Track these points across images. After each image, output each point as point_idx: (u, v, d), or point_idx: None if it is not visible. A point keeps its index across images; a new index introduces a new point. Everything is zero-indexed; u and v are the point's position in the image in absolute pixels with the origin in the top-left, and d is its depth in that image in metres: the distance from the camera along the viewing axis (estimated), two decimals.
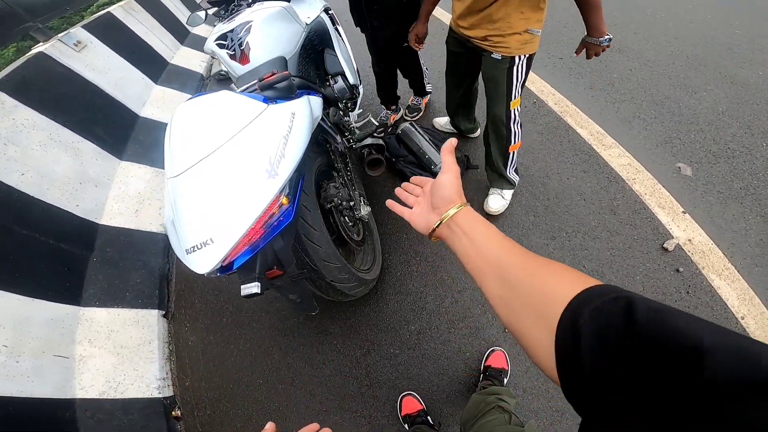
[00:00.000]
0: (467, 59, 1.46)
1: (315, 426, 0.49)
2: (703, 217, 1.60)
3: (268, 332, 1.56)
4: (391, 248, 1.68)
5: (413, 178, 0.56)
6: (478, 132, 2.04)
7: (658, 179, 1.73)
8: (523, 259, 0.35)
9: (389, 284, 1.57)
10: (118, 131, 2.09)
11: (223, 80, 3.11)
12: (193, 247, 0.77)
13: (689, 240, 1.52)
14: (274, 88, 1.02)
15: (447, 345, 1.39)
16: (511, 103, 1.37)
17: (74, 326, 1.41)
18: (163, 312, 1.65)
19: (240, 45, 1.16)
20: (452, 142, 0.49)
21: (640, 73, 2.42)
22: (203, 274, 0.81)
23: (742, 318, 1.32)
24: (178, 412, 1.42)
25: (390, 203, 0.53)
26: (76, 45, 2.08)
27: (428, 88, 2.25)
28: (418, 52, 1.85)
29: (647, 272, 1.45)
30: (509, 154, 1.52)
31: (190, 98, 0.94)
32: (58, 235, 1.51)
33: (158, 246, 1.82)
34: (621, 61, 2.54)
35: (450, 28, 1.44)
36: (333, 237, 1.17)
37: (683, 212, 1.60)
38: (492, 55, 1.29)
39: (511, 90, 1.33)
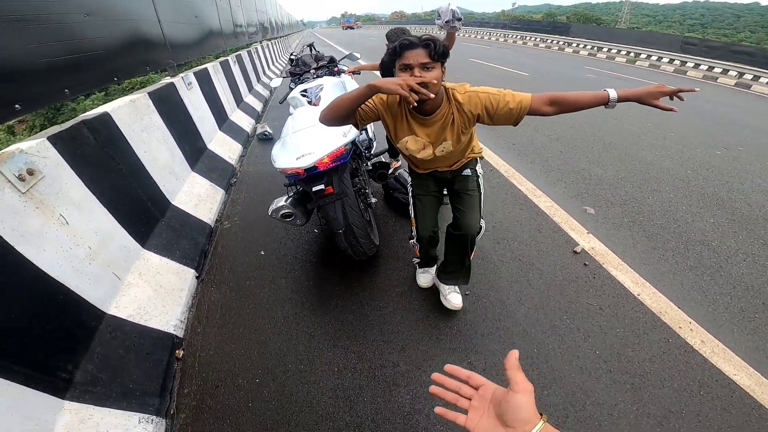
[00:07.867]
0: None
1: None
2: (601, 236, 2.32)
3: (284, 291, 1.95)
4: (385, 242, 2.27)
5: (450, 369, 0.51)
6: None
7: (571, 215, 2.53)
8: None
9: (383, 259, 2.12)
10: (195, 153, 2.93)
11: (265, 140, 4.21)
12: (302, 155, 1.55)
13: (592, 248, 2.19)
14: None
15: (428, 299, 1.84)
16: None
17: (135, 259, 1.78)
18: (197, 274, 2.06)
19: (315, 96, 2.11)
20: (515, 354, 0.46)
21: (567, 155, 3.67)
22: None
23: (638, 294, 1.84)
24: (181, 353, 1.61)
25: (441, 411, 0.48)
26: (188, 84, 3.12)
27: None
28: None
29: (563, 266, 2.06)
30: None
31: (303, 107, 1.96)
32: (149, 197, 2.08)
33: (205, 231, 2.36)
34: (556, 146, 3.88)
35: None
36: None
37: (587, 233, 2.33)
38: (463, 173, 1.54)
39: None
